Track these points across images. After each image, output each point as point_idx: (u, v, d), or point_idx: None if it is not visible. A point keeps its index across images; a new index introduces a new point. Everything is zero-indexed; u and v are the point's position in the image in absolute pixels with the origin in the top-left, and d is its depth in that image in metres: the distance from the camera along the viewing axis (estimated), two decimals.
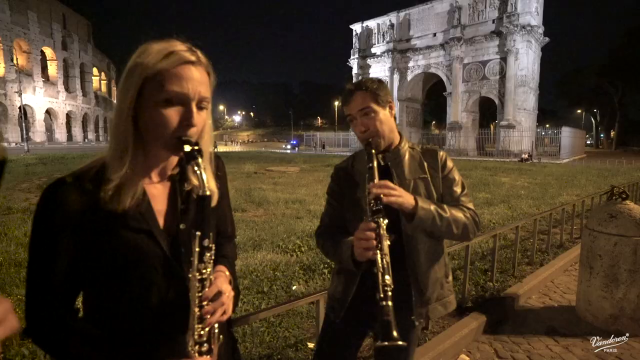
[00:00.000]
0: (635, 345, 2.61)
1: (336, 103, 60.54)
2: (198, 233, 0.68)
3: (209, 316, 0.71)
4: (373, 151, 1.14)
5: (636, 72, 51.21)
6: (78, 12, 53.15)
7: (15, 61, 35.17)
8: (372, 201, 1.02)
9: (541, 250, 4.51)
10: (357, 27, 42.38)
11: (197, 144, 0.72)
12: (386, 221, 1.00)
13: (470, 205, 1.26)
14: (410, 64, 38.13)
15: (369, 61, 41.35)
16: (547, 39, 33.57)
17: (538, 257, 4.26)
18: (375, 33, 41.05)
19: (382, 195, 1.02)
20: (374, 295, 1.09)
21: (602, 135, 70.55)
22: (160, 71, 0.70)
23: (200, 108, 0.74)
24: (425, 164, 1.28)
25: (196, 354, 0.69)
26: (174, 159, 0.80)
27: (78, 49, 50.63)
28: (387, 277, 0.93)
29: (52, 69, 46.91)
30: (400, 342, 0.84)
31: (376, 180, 1.06)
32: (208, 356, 0.70)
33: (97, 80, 58.41)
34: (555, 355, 2.51)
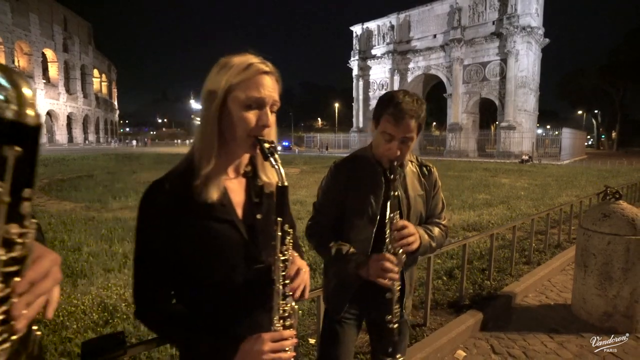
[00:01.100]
0: (628, 342, 2.67)
1: (336, 105, 60.61)
2: (279, 219, 0.78)
3: (291, 293, 0.81)
4: (391, 176, 1.19)
5: (637, 72, 51.26)
6: (79, 14, 53.35)
7: (17, 63, 35.33)
8: (395, 233, 1.15)
9: (539, 250, 4.58)
10: (357, 29, 42.50)
11: (273, 142, 0.83)
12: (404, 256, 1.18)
13: (445, 222, 1.44)
14: (411, 65, 38.21)
15: (369, 62, 41.45)
16: (547, 40, 33.63)
17: (536, 256, 4.32)
18: (375, 34, 41.15)
19: (404, 241, 1.16)
20: (371, 288, 1.22)
21: (603, 136, 70.49)
22: (242, 80, 0.81)
23: (272, 111, 0.85)
24: (423, 180, 1.38)
25: (281, 328, 0.78)
26: (246, 158, 0.92)
27: (79, 51, 50.83)
28: (396, 304, 1.13)
29: (53, 70, 47.07)
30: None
31: (398, 220, 1.17)
32: (292, 330, 0.80)
33: (98, 82, 58.60)
34: (550, 352, 2.57)
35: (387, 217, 1.17)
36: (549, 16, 36.10)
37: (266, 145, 0.81)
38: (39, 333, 0.53)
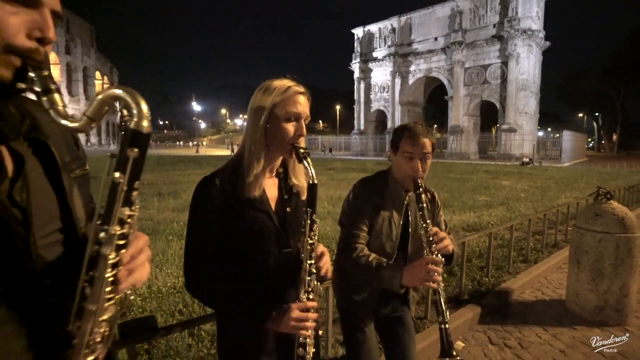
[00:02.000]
0: (618, 334, 2.82)
1: (338, 107, 60.80)
2: (309, 209, 0.97)
3: (315, 271, 0.99)
4: (421, 191, 1.39)
5: (638, 75, 51.35)
6: (81, 17, 53.79)
7: None
8: (432, 237, 1.30)
9: (536, 249, 4.73)
10: (358, 32, 42.76)
11: (306, 148, 1.03)
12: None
13: (451, 235, 1.57)
14: (412, 67, 38.42)
15: (370, 65, 41.67)
16: (548, 42, 33.82)
17: (533, 255, 4.47)
18: (376, 37, 41.39)
19: (441, 244, 1.31)
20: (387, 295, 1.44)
21: (603, 140, 70.52)
22: (283, 99, 1.03)
23: (305, 122, 1.07)
24: (430, 202, 1.54)
25: (305, 300, 0.97)
26: (279, 160, 1.12)
27: (81, 53, 51.20)
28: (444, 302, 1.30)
29: (56, 73, 47.43)
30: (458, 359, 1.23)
31: (431, 228, 1.32)
32: (315, 302, 0.99)
33: (100, 84, 58.94)
34: (543, 342, 2.72)
35: (421, 225, 1.34)
36: (550, 19, 36.33)
37: (301, 150, 1.01)
38: (132, 297, 0.69)
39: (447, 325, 1.30)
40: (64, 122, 0.54)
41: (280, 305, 0.98)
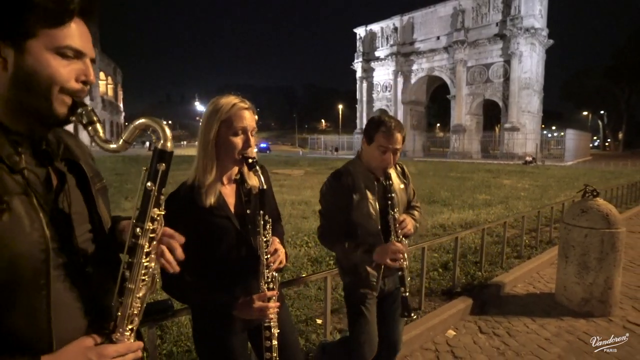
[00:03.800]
0: (601, 324, 2.98)
1: (340, 106, 60.92)
2: (262, 212, 1.14)
3: (272, 264, 1.16)
4: (391, 182, 1.62)
5: None
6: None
7: None
8: (399, 224, 1.57)
9: (531, 246, 4.88)
10: (360, 31, 42.88)
11: (254, 158, 1.18)
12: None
13: (418, 204, 1.87)
14: (414, 67, 38.50)
15: (372, 64, 41.79)
16: (551, 41, 33.77)
17: (527, 251, 4.62)
18: (379, 36, 41.50)
19: (405, 230, 1.59)
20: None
21: (609, 139, 70.06)
22: (230, 116, 1.16)
23: (252, 135, 1.21)
24: (401, 177, 1.80)
25: (266, 290, 1.14)
26: (236, 169, 1.27)
27: None
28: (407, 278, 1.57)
29: None
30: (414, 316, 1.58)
31: (399, 215, 1.60)
32: (274, 291, 1.15)
33: (104, 85, 59.29)
34: (530, 332, 2.88)
35: (390, 213, 1.58)
36: (553, 17, 36.24)
37: (249, 160, 1.16)
38: (158, 279, 0.87)
39: (407, 294, 1.61)
40: (105, 145, 0.72)
41: (243, 295, 1.15)
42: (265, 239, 1.13)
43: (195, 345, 1.34)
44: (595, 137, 72.98)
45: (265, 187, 1.14)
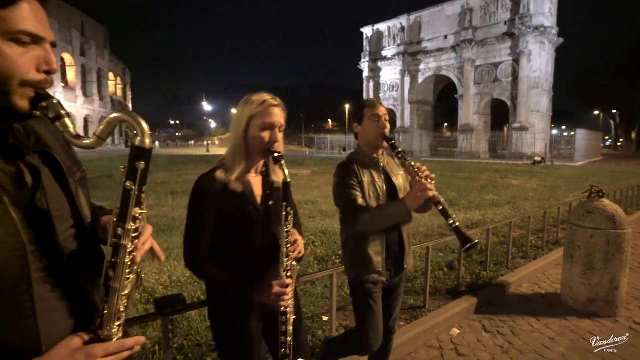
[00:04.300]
0: (607, 324, 2.99)
1: (347, 106, 60.86)
2: (284, 203, 1.19)
3: (292, 253, 1.22)
4: (393, 142, 1.75)
5: None
6: (95, 19, 54.84)
7: None
8: (417, 168, 1.64)
9: (537, 246, 4.87)
10: (367, 30, 42.79)
11: (280, 152, 1.26)
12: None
13: None
14: (421, 66, 38.30)
15: (379, 64, 41.68)
16: (561, 39, 33.28)
17: (533, 252, 4.63)
18: (386, 36, 41.37)
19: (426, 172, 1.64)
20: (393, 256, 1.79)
21: (621, 139, 68.74)
22: (259, 111, 1.25)
23: (280, 131, 1.29)
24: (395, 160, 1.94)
25: (284, 278, 1.20)
26: (262, 162, 1.35)
27: (95, 55, 52.13)
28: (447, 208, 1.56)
29: (71, 74, 48.48)
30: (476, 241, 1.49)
31: (410, 162, 1.68)
32: (291, 279, 1.22)
33: (113, 85, 59.93)
34: (535, 331, 2.91)
35: (408, 161, 1.67)
36: (564, 15, 35.73)
37: (275, 154, 1.24)
38: (143, 275, 0.83)
39: (457, 224, 1.54)
40: (76, 141, 0.66)
41: (264, 280, 1.22)
42: (286, 230, 1.19)
43: (213, 331, 1.39)
44: (607, 137, 71.69)
45: (289, 180, 1.21)
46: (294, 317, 1.24)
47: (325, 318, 2.86)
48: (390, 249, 1.79)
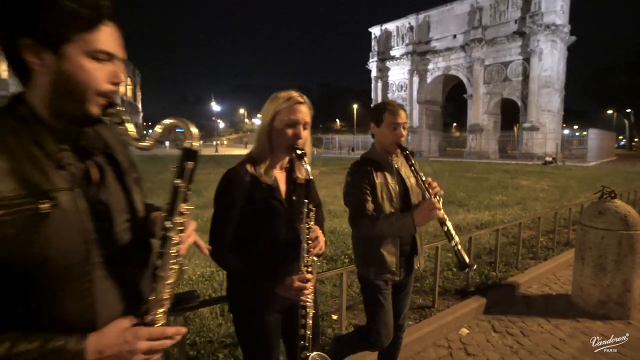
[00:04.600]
0: (619, 326, 2.96)
1: (355, 106, 60.74)
2: (306, 200, 1.23)
3: (312, 249, 1.25)
4: (408, 152, 1.73)
5: None
6: None
7: None
8: (428, 184, 1.66)
9: (547, 247, 4.83)
10: (375, 30, 42.66)
11: (303, 149, 1.28)
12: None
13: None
14: (430, 66, 38.04)
15: (387, 64, 41.51)
16: (573, 37, 32.72)
17: (543, 253, 4.59)
18: (394, 36, 41.18)
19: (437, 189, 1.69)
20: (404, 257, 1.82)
21: (636, 138, 67.22)
22: (285, 107, 1.27)
23: (304, 128, 1.31)
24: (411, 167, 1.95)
25: (305, 273, 1.22)
26: (287, 159, 1.38)
27: None
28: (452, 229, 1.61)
29: None
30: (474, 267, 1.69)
31: (427, 178, 1.69)
32: (312, 274, 1.24)
33: (124, 86, 60.70)
34: (545, 332, 2.90)
35: (420, 177, 1.68)
36: (577, 12, 35.14)
37: (298, 151, 1.27)
38: (185, 268, 0.97)
39: (459, 247, 1.60)
40: (136, 144, 0.78)
41: (285, 274, 1.25)
42: (307, 226, 1.22)
43: (235, 323, 1.43)
44: (620, 137, 70.22)
45: (311, 177, 1.24)
46: (313, 311, 1.26)
47: (334, 317, 2.90)
48: (402, 248, 1.82)
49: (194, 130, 0.78)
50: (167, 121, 0.78)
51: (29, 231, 0.68)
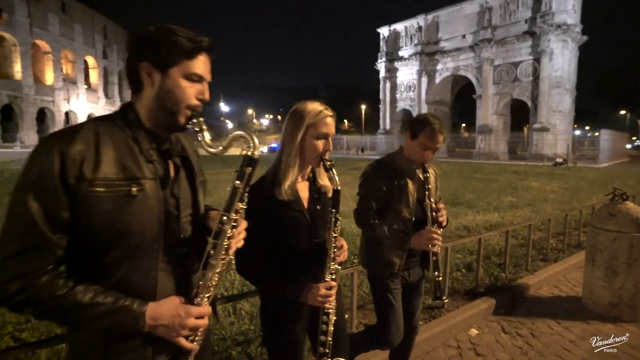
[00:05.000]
0: (630, 329, 2.95)
1: (363, 106, 60.63)
2: (334, 210, 1.27)
3: (337, 257, 1.29)
4: (429, 174, 1.83)
5: None
6: (117, 22, 56.25)
7: (64, 70, 38.18)
8: (436, 213, 1.73)
9: (557, 249, 4.81)
10: (384, 31, 42.55)
11: (331, 160, 1.33)
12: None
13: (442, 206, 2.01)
14: (439, 66, 37.82)
15: (396, 64, 41.38)
16: (585, 37, 32.24)
17: (553, 254, 4.57)
18: (402, 36, 41.04)
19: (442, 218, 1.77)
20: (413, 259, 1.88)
21: None
22: (316, 121, 1.31)
23: (331, 139, 1.35)
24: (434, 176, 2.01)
25: (330, 280, 1.27)
26: (309, 168, 1.41)
27: (117, 57, 53.53)
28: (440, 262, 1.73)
29: (94, 76, 50.12)
30: (445, 301, 1.77)
31: (438, 204, 1.78)
32: (335, 282, 1.29)
33: None
34: (555, 333, 2.90)
35: (427, 201, 1.74)
36: (589, 12, 34.61)
37: (328, 162, 1.31)
38: (234, 262, 1.03)
39: (440, 279, 1.74)
40: (209, 149, 0.93)
41: (310, 283, 1.28)
42: (334, 235, 1.26)
43: (263, 329, 1.49)
44: (634, 138, 68.91)
45: (339, 188, 1.28)
46: (335, 317, 1.29)
47: (346, 316, 2.93)
48: (411, 250, 1.84)
49: (256, 141, 0.93)
50: (235, 133, 0.93)
51: (121, 207, 0.84)
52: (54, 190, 0.78)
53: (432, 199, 1.75)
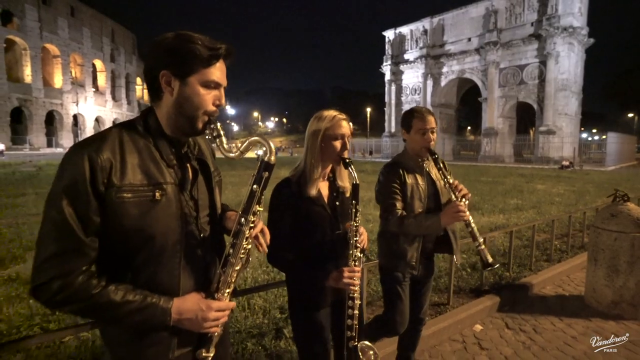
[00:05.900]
0: (632, 327, 3.03)
1: (368, 109, 60.71)
2: (354, 202, 1.40)
3: (359, 244, 1.41)
4: (437, 155, 1.85)
5: None
6: (124, 26, 56.94)
7: (73, 74, 38.72)
8: (455, 186, 1.78)
9: (561, 250, 4.88)
10: (389, 34, 42.69)
11: (350, 158, 1.48)
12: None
13: None
14: (444, 69, 37.85)
15: (401, 67, 41.47)
16: (591, 40, 32.11)
17: (557, 255, 4.65)
18: (408, 39, 41.14)
19: (464, 191, 1.80)
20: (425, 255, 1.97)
21: None
22: (332, 125, 1.47)
23: (348, 140, 1.50)
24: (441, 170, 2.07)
25: (353, 265, 1.38)
26: (329, 169, 1.55)
27: (124, 61, 54.16)
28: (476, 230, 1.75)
29: (102, 79, 50.75)
30: (496, 266, 1.75)
31: (453, 180, 1.82)
32: (359, 267, 1.41)
33: (141, 90, 61.91)
34: (557, 329, 2.99)
35: (445, 179, 1.81)
36: (596, 14, 34.47)
37: (346, 160, 1.46)
38: (256, 254, 1.17)
39: (483, 246, 1.73)
40: (226, 153, 0.96)
41: (334, 268, 1.43)
42: (355, 224, 1.39)
43: (290, 316, 1.63)
44: None
45: (358, 182, 1.42)
46: (359, 302, 1.41)
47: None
48: (424, 246, 1.97)
49: (273, 147, 0.97)
50: (253, 139, 0.96)
51: (146, 212, 0.90)
52: (86, 195, 0.83)
53: (447, 176, 1.79)
